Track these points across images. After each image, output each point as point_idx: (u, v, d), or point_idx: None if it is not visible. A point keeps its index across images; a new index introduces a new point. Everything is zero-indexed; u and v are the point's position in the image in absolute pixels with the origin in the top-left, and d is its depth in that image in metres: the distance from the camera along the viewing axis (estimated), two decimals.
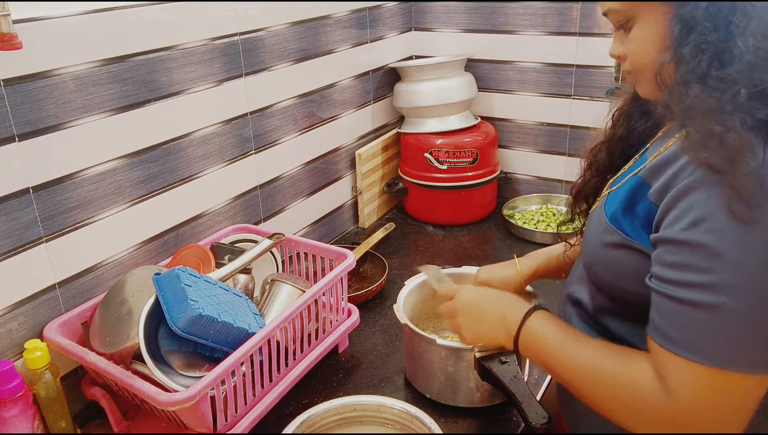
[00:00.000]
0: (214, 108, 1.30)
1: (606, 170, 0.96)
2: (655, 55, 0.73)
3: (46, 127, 0.99)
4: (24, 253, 0.99)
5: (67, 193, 1.04)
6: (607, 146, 0.96)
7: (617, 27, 0.79)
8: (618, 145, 0.95)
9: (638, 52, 0.76)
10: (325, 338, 1.21)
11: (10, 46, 0.82)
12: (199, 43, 1.22)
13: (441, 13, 1.92)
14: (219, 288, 1.05)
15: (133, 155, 1.14)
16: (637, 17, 0.75)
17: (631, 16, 0.75)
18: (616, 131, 0.95)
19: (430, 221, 1.86)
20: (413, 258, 1.66)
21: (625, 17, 0.76)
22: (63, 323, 1.04)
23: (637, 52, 0.76)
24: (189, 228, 1.30)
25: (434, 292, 1.26)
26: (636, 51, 0.76)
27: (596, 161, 0.98)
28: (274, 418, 1.09)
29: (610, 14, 0.78)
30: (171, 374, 0.95)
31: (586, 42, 1.73)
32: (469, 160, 1.78)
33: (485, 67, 1.91)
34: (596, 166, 0.98)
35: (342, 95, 1.69)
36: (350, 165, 1.79)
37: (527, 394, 0.95)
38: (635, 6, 0.74)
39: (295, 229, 1.62)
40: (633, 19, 0.75)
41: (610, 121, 0.97)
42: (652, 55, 0.73)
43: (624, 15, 0.76)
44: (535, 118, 1.90)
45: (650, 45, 0.74)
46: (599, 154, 0.97)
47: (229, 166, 1.36)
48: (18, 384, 0.91)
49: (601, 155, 0.97)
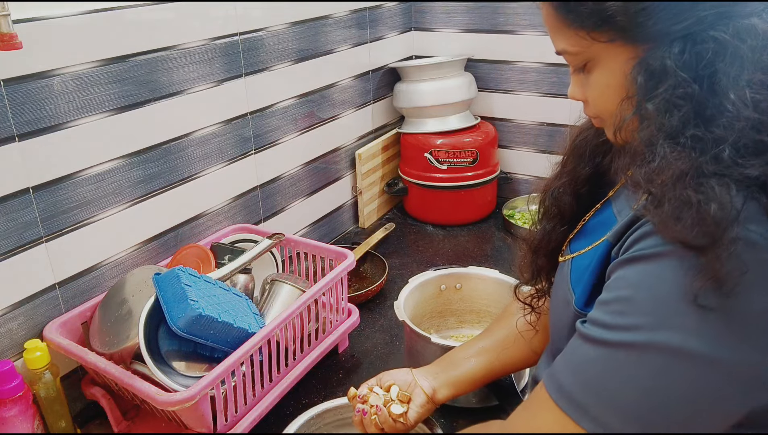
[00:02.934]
0: (214, 108, 1.30)
1: (571, 217, 0.80)
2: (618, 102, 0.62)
3: (46, 127, 0.99)
4: (24, 253, 0.99)
5: (67, 193, 1.04)
6: (572, 188, 0.79)
7: (574, 69, 0.67)
8: (584, 186, 0.79)
9: (600, 99, 0.65)
10: (325, 338, 1.21)
11: (10, 46, 0.82)
12: (199, 43, 1.22)
13: (441, 13, 1.92)
14: (219, 288, 1.05)
15: (133, 155, 1.14)
16: (596, 60, 0.63)
17: (589, 57, 0.63)
18: (580, 171, 0.79)
19: (430, 221, 1.86)
20: (413, 258, 1.66)
21: (583, 59, 0.64)
22: (63, 323, 1.04)
23: (599, 98, 0.65)
24: (189, 228, 1.29)
25: (437, 291, 1.27)
26: (597, 98, 0.65)
27: (558, 206, 0.80)
28: (274, 418, 1.09)
29: (565, 56, 0.66)
30: (171, 374, 0.95)
31: None
32: (469, 160, 1.78)
33: (485, 67, 1.91)
34: (559, 213, 0.80)
35: (342, 95, 1.69)
36: (350, 165, 1.79)
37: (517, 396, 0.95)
38: (592, 47, 0.61)
39: (295, 229, 1.62)
40: (592, 61, 0.63)
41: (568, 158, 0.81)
42: (618, 105, 0.62)
43: (581, 57, 0.64)
44: (535, 118, 1.90)
45: (614, 93, 0.62)
46: (562, 198, 0.80)
47: (229, 166, 1.36)
48: (18, 384, 0.91)
49: (564, 199, 0.80)
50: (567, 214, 0.80)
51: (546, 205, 0.82)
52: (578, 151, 0.80)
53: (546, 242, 0.82)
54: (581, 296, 0.68)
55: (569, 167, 0.80)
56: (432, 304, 1.28)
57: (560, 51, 0.65)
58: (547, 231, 0.81)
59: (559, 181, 0.81)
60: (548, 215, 0.82)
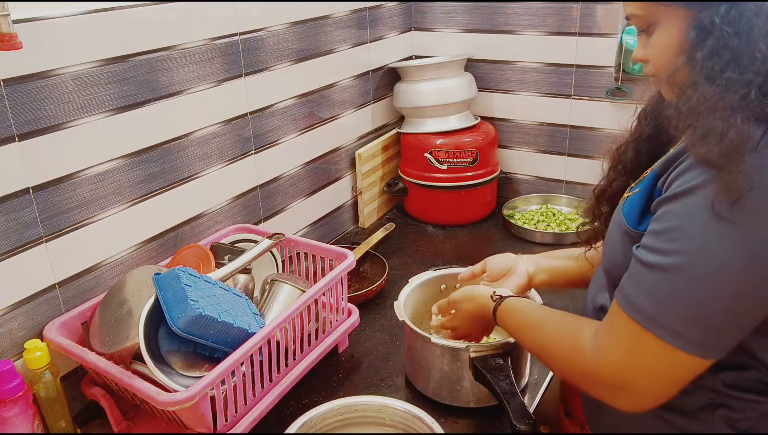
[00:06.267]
0: (214, 108, 1.30)
1: (632, 170, 0.93)
2: (675, 59, 0.74)
3: (46, 127, 0.99)
4: (24, 253, 0.99)
5: (67, 193, 1.04)
6: (633, 145, 0.93)
7: (639, 31, 0.80)
8: (645, 144, 0.92)
9: (659, 56, 0.76)
10: (325, 338, 1.21)
11: (10, 46, 0.82)
12: (199, 43, 1.22)
13: (441, 13, 1.92)
14: (219, 288, 1.05)
15: (133, 155, 1.14)
16: (658, 22, 0.75)
17: (652, 20, 0.76)
18: (642, 129, 0.93)
19: (430, 221, 1.86)
20: (413, 258, 1.66)
21: (646, 22, 0.77)
22: (63, 323, 1.04)
23: (659, 55, 0.77)
24: (189, 228, 1.29)
25: (438, 291, 1.27)
26: (657, 55, 0.77)
27: (622, 161, 0.94)
28: (274, 418, 1.09)
29: (632, 18, 0.79)
30: (171, 374, 0.95)
31: (586, 42, 1.73)
32: (469, 160, 1.78)
33: (485, 67, 1.91)
34: (622, 166, 0.94)
35: (342, 95, 1.69)
36: (350, 165, 1.79)
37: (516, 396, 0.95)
38: (656, 10, 0.74)
39: (295, 229, 1.62)
40: (654, 23, 0.76)
41: (635, 120, 0.95)
42: (673, 59, 0.74)
43: (645, 20, 0.77)
44: (535, 118, 1.90)
45: (670, 49, 0.74)
46: (626, 153, 0.94)
47: (229, 166, 1.36)
48: (18, 384, 0.91)
49: (627, 154, 0.94)
50: (628, 167, 0.93)
51: (612, 159, 0.96)
52: (644, 113, 0.93)
53: (608, 190, 0.96)
54: (632, 218, 0.81)
55: (634, 127, 0.94)
56: (432, 304, 1.28)
57: (628, 15, 0.79)
58: (611, 180, 0.95)
59: (624, 140, 0.95)
60: (614, 168, 0.95)
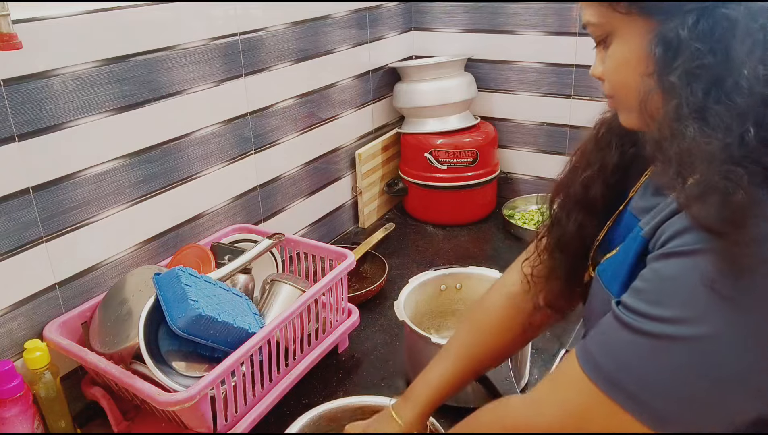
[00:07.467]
0: (214, 108, 1.30)
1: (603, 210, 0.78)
2: (638, 79, 0.62)
3: (46, 127, 0.99)
4: (24, 253, 0.99)
5: (67, 193, 1.04)
6: (602, 178, 0.78)
7: (597, 42, 0.69)
8: (613, 176, 0.78)
9: (615, 73, 0.66)
10: (325, 338, 1.21)
11: (10, 46, 0.82)
12: (199, 43, 1.22)
13: (441, 13, 1.92)
14: (219, 288, 1.05)
15: (133, 155, 1.14)
16: (615, 33, 0.64)
17: (609, 30, 0.65)
18: (607, 158, 0.78)
19: (430, 221, 1.86)
20: (413, 258, 1.66)
21: (604, 31, 0.66)
22: (63, 323, 1.04)
23: (615, 72, 0.66)
24: (189, 228, 1.29)
25: (438, 291, 1.27)
26: (614, 71, 0.66)
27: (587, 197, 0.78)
28: (274, 418, 1.09)
29: (588, 27, 0.68)
30: (171, 374, 0.95)
31: (585, 42, 1.73)
32: (469, 160, 1.78)
33: (485, 67, 1.91)
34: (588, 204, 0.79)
35: (342, 95, 1.69)
36: (350, 165, 1.79)
37: None
38: (611, 18, 0.63)
39: (295, 229, 1.62)
40: (612, 34, 0.65)
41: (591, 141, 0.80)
42: (633, 78, 0.63)
43: (601, 28, 0.65)
44: (535, 118, 1.90)
45: (630, 67, 0.63)
46: (592, 189, 0.78)
47: (229, 166, 1.36)
48: (18, 384, 0.91)
49: (595, 190, 0.78)
50: (599, 205, 0.78)
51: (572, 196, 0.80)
52: (603, 141, 0.79)
53: (579, 237, 0.80)
54: (616, 287, 0.69)
55: (594, 157, 0.79)
56: (432, 304, 1.28)
57: (585, 23, 0.67)
58: (579, 223, 0.79)
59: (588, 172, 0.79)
60: (578, 206, 0.79)
